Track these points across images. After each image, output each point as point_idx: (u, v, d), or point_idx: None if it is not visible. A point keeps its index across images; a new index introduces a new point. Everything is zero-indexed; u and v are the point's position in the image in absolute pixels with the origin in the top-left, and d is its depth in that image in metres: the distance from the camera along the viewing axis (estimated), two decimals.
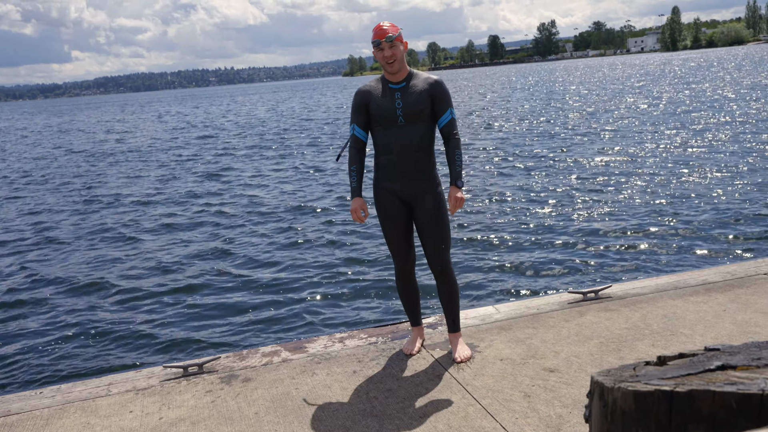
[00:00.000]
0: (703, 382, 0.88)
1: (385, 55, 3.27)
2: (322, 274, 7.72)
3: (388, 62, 3.29)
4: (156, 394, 3.36)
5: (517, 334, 3.73)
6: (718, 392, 0.85)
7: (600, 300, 4.16)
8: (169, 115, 56.51)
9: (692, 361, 0.97)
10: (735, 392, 0.84)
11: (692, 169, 12.26)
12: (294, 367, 3.56)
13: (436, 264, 3.46)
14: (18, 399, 3.40)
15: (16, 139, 38.18)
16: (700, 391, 0.86)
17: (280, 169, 17.20)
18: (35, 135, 41.25)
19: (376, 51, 3.30)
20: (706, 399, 0.85)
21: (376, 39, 3.27)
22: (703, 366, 0.93)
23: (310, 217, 10.90)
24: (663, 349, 3.38)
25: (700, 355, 0.99)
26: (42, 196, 15.49)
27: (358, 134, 3.43)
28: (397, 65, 3.30)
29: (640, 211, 9.48)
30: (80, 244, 10.26)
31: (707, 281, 4.35)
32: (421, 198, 3.38)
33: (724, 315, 3.75)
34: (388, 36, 3.24)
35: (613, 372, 0.99)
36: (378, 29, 3.29)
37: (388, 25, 3.31)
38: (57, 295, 7.72)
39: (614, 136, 18.27)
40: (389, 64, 3.29)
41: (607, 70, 75.32)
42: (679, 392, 0.88)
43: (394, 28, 3.29)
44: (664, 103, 27.36)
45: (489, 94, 48.20)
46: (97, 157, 24.26)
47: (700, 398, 0.86)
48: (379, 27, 3.30)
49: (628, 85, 42.94)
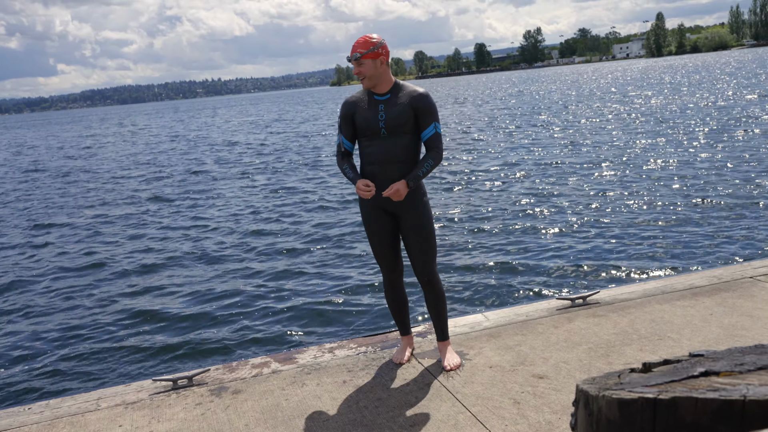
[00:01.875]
0: (686, 389, 0.89)
1: (354, 72, 3.30)
2: (311, 285, 7.70)
3: (359, 78, 3.32)
4: (146, 407, 3.33)
5: (506, 341, 3.74)
6: (700, 399, 0.86)
7: (588, 306, 4.18)
8: (138, 128, 56.27)
9: (676, 367, 0.98)
10: (717, 399, 0.85)
11: (678, 175, 12.37)
12: (284, 378, 3.55)
13: (422, 274, 3.47)
14: (6, 415, 3.36)
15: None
16: (682, 398, 0.86)
17: (267, 183, 17.18)
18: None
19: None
20: (689, 406, 0.86)
21: (348, 55, 3.30)
22: (687, 373, 0.94)
23: (298, 228, 10.88)
24: (651, 354, 3.40)
25: (684, 361, 1.01)
26: (16, 207, 15.36)
27: (346, 145, 3.44)
28: (368, 82, 3.31)
29: (626, 217, 9.55)
30: (66, 258, 10.18)
31: (694, 285, 4.39)
32: (407, 209, 3.38)
33: (711, 319, 3.79)
34: (355, 54, 3.25)
35: (598, 380, 1.00)
36: (354, 44, 3.30)
37: (361, 41, 3.29)
38: (44, 309, 7.65)
39: (600, 143, 18.40)
40: (360, 80, 3.32)
41: (596, 77, 75.91)
42: (662, 399, 0.89)
43: (366, 44, 3.25)
44: (651, 109, 27.61)
45: (477, 101, 48.44)
46: (77, 170, 24.12)
47: (683, 405, 0.86)
48: (355, 42, 3.31)
49: (616, 92, 43.29)
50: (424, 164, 3.29)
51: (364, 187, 3.22)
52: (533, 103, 39.99)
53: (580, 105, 34.14)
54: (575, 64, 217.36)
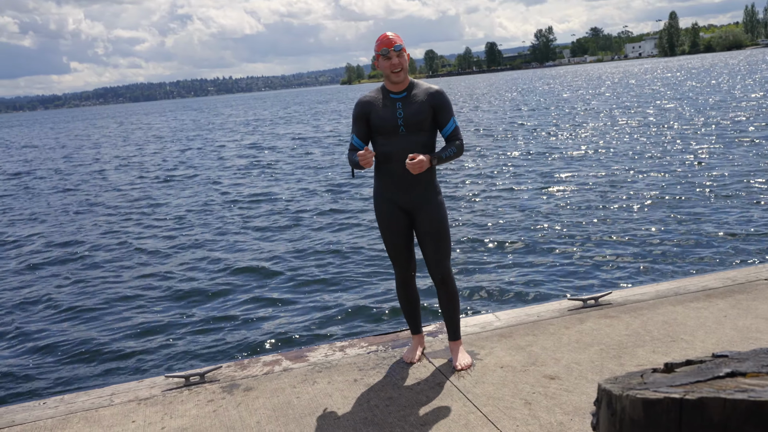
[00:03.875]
0: (713, 389, 0.88)
1: (393, 63, 3.27)
2: (322, 283, 7.71)
3: (394, 71, 3.29)
4: (158, 404, 3.35)
5: (518, 342, 3.73)
6: (729, 399, 0.85)
7: (600, 307, 4.16)
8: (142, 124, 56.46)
9: (700, 368, 0.97)
10: (746, 399, 0.84)
11: (691, 175, 12.29)
12: (295, 376, 3.55)
13: (436, 273, 3.46)
14: (22, 410, 3.39)
15: None
16: (710, 398, 0.86)
17: (281, 180, 17.22)
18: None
19: (382, 60, 3.30)
20: (717, 407, 0.85)
21: (384, 48, 3.28)
22: (712, 373, 0.93)
23: (309, 227, 10.90)
24: (664, 356, 3.38)
25: (708, 362, 0.99)
26: (37, 203, 15.48)
27: (356, 143, 3.42)
28: (403, 74, 3.31)
29: (639, 216, 9.50)
30: (82, 254, 10.25)
31: (708, 287, 4.36)
32: (422, 207, 3.38)
33: (725, 321, 3.76)
34: (397, 45, 3.27)
35: (620, 379, 0.99)
36: (385, 38, 3.31)
37: (394, 35, 3.34)
38: (59, 305, 7.70)
39: (614, 144, 18.31)
40: (395, 73, 3.29)
41: (614, 77, 75.53)
42: (689, 400, 0.88)
43: (400, 40, 3.33)
44: (665, 111, 27.45)
45: (492, 101, 48.33)
46: (88, 166, 24.26)
47: (711, 406, 0.85)
48: (385, 36, 3.32)
49: (631, 93, 43.07)
50: (449, 149, 3.33)
51: (366, 152, 3.14)
52: (550, 102, 39.85)
53: (597, 104, 34.00)
54: (587, 63, 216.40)
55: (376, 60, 3.36)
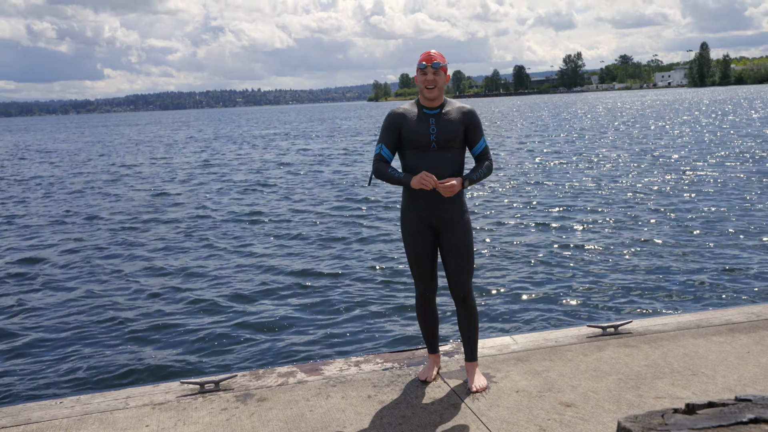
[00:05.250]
0: None
1: (428, 78, 3.34)
2: (340, 296, 7.72)
3: (427, 87, 3.34)
4: (172, 409, 3.37)
5: (534, 366, 3.70)
6: None
7: (620, 335, 4.11)
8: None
9: (723, 411, 0.95)
10: None
11: (720, 208, 12.12)
12: (309, 389, 3.56)
13: (458, 291, 3.46)
14: (39, 408, 3.44)
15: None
16: None
17: (301, 191, 17.33)
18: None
19: (419, 73, 3.38)
20: None
21: (422, 62, 3.36)
22: (735, 418, 0.90)
23: (331, 241, 10.93)
24: (683, 389, 3.32)
25: (731, 405, 0.97)
26: (62, 205, 15.75)
27: (385, 154, 3.41)
28: (436, 92, 3.36)
29: (663, 245, 9.38)
30: (104, 256, 10.39)
31: (731, 321, 4.29)
32: (449, 223, 3.39)
33: (748, 357, 3.69)
34: (435, 62, 3.34)
35: (640, 418, 0.96)
36: (426, 55, 3.39)
37: (438, 53, 3.41)
38: (80, 306, 7.80)
39: (639, 169, 18.15)
40: (428, 89, 3.34)
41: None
42: None
43: (442, 59, 3.40)
44: (695, 137, 27.18)
45: (519, 122, 48.28)
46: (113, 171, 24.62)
47: None
48: (428, 52, 3.40)
49: (659, 117, 42.75)
50: (479, 169, 3.39)
51: (426, 177, 3.18)
52: (574, 127, 39.70)
53: (630, 130, 33.78)
54: (615, 90, 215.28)
55: (416, 73, 3.43)
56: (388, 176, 3.35)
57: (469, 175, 3.35)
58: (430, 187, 3.21)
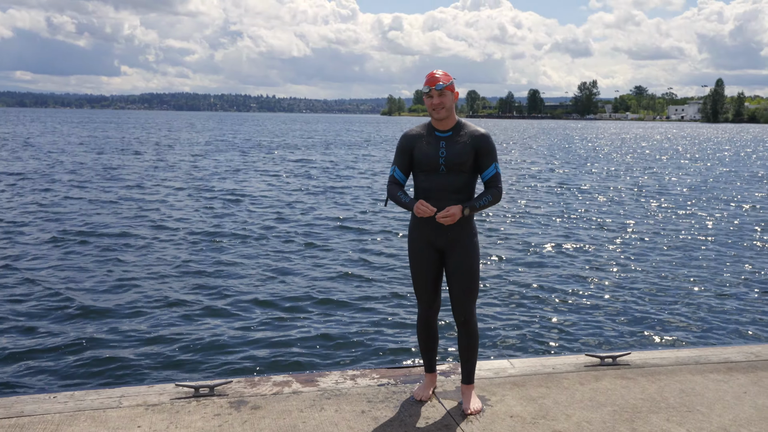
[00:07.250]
0: None
1: (434, 102, 3.31)
2: (341, 309, 7.71)
3: (434, 109, 3.33)
4: (165, 411, 3.37)
5: (530, 392, 3.69)
6: None
7: (617, 366, 4.10)
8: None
9: None
10: None
11: (724, 242, 12.08)
12: (303, 399, 3.55)
13: (460, 313, 3.45)
14: (32, 401, 3.44)
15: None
16: None
17: (303, 197, 17.36)
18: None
19: (425, 98, 3.35)
20: None
21: (426, 86, 3.33)
22: None
23: (334, 251, 10.95)
24: (678, 426, 3.30)
25: None
26: (60, 200, 15.83)
27: (398, 176, 3.45)
28: (444, 113, 3.34)
29: (665, 279, 9.34)
30: (103, 255, 10.43)
31: (729, 359, 4.27)
32: (455, 246, 3.39)
33: (745, 397, 3.67)
34: (438, 84, 3.29)
35: None
36: (430, 77, 3.34)
37: (441, 73, 3.35)
38: (79, 305, 7.82)
39: (643, 199, 18.12)
40: (435, 111, 3.33)
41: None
42: None
43: (447, 78, 3.34)
44: (699, 173, 27.13)
45: (530, 144, 48.31)
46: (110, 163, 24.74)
47: None
48: (431, 74, 3.35)
49: (657, 149, 42.70)
50: (483, 197, 3.35)
51: (423, 206, 3.21)
52: (579, 153, 39.70)
53: (634, 158, 33.76)
54: (628, 120, 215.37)
55: (423, 96, 3.41)
56: (396, 199, 3.40)
57: (471, 203, 3.31)
58: (428, 215, 3.23)
